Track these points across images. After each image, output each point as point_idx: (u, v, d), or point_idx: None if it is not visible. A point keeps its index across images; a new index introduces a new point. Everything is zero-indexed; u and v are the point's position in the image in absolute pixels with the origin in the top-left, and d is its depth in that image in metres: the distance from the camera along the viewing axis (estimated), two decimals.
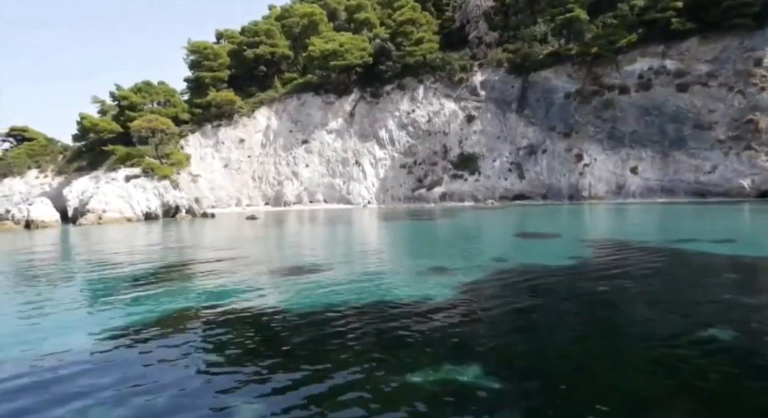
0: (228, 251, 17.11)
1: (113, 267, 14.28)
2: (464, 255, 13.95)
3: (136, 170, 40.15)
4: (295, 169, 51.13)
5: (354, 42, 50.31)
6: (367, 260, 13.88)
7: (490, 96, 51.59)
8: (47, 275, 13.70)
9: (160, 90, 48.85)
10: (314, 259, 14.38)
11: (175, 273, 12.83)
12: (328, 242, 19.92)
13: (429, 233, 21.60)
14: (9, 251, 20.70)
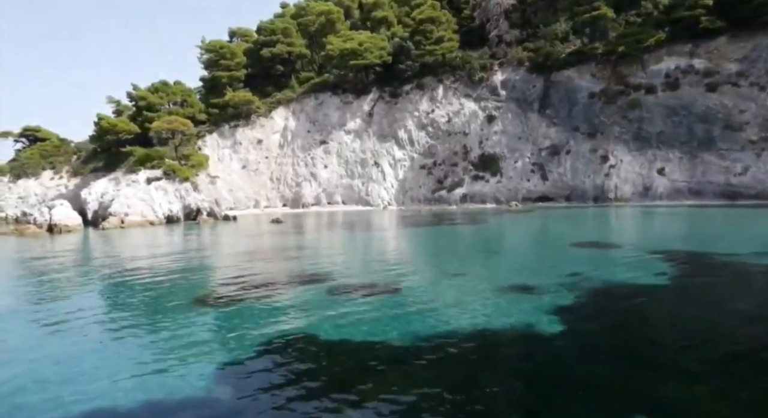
0: (270, 263, 16.45)
1: (166, 284, 13.61)
2: (534, 271, 13.26)
3: (157, 172, 39.52)
4: (314, 170, 50.46)
5: (373, 41, 49.53)
6: (429, 277, 13.19)
7: (510, 96, 50.76)
8: (107, 296, 13.03)
9: (177, 90, 48.19)
10: (366, 274, 13.68)
11: (235, 288, 12.16)
12: (370, 252, 19.19)
13: (478, 242, 20.83)
14: (50, 262, 20.06)
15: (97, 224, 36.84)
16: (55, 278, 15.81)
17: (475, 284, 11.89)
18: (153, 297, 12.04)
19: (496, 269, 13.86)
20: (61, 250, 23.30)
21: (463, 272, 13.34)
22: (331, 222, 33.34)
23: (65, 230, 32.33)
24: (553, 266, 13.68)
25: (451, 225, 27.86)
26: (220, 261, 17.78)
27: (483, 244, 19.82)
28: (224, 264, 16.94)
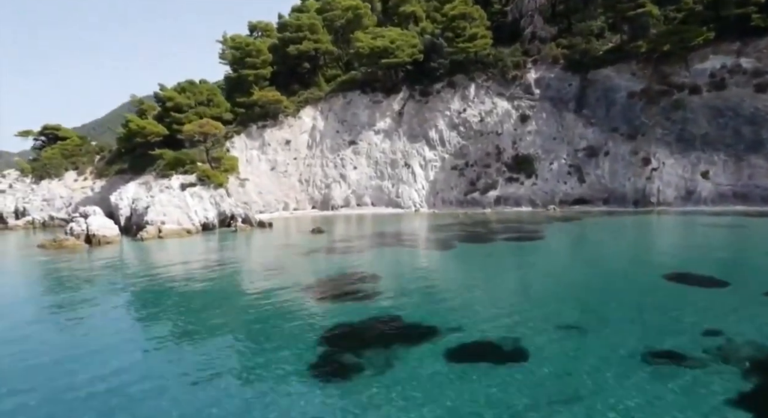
0: (346, 302, 15.47)
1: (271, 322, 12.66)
2: (660, 327, 12.11)
3: (191, 178, 38.53)
4: (343, 171, 49.37)
5: (404, 38, 48.08)
6: (545, 332, 12.13)
7: (545, 94, 49.38)
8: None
9: (203, 89, 46.91)
10: (473, 325, 12.62)
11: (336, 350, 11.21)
12: (449, 285, 17.92)
13: (554, 270, 19.62)
14: (127, 289, 19.15)
15: (130, 231, 35.94)
16: (162, 314, 14.93)
17: (604, 348, 10.85)
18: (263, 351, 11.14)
19: (611, 320, 12.77)
20: (122, 273, 22.39)
21: (576, 325, 12.30)
22: (376, 233, 32.19)
23: (104, 241, 31.46)
24: (676, 318, 12.66)
25: (506, 241, 26.78)
26: (289, 300, 16.83)
27: (562, 275, 18.57)
28: (293, 307, 15.98)
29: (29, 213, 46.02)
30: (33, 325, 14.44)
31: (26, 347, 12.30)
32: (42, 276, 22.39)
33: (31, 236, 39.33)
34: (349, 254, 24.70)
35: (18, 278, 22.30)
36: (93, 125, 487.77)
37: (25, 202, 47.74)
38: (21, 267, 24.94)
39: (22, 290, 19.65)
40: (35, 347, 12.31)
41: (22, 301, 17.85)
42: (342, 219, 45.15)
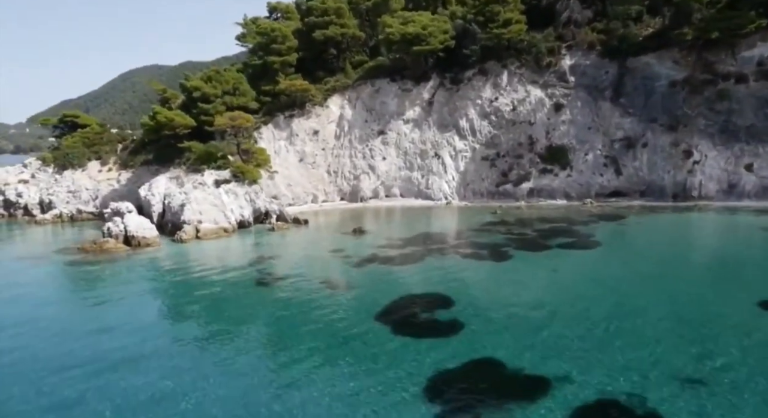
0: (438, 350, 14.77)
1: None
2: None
3: (225, 174, 37.59)
4: (372, 162, 48.31)
5: (436, 24, 46.31)
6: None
7: (580, 82, 47.86)
8: None
9: (229, 78, 45.42)
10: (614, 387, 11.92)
11: None
12: (545, 324, 16.08)
13: (641, 298, 18.19)
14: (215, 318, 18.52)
15: (164, 229, 35.08)
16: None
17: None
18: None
19: (733, 367, 12.07)
20: (184, 288, 21.73)
21: (700, 378, 11.59)
22: (421, 236, 31.21)
23: (143, 243, 30.76)
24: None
25: (562, 249, 25.96)
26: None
27: (651, 304, 17.14)
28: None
29: (55, 206, 45.20)
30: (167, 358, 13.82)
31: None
32: (106, 292, 21.72)
33: (61, 231, 38.71)
34: (404, 265, 23.97)
35: (85, 295, 21.22)
36: (89, 97, 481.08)
37: (50, 193, 46.87)
38: (77, 280, 23.93)
39: (110, 314, 18.75)
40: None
41: (127, 323, 17.17)
42: (373, 213, 44.39)
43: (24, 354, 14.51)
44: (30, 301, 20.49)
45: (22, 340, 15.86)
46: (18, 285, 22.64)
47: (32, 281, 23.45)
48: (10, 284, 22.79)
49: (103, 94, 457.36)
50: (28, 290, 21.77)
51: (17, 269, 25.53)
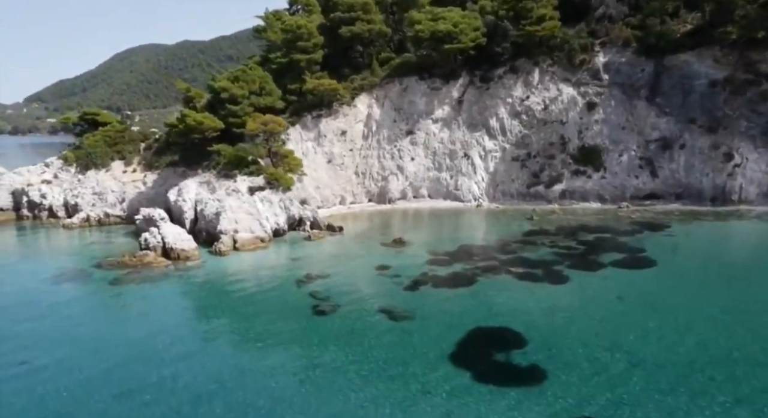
0: None
1: None
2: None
3: (258, 180, 36.91)
4: (400, 163, 47.50)
5: (467, 20, 44.95)
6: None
7: (614, 80, 46.65)
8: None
9: (256, 77, 44.35)
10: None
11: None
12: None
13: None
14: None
15: (198, 237, 34.41)
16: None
17: None
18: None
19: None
20: (244, 319, 21.24)
21: None
22: (464, 248, 30.49)
23: (183, 255, 30.29)
24: None
25: (617, 268, 25.22)
26: None
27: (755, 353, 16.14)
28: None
29: (81, 208, 44.70)
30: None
31: None
32: (162, 318, 21.32)
33: (92, 238, 38.23)
34: (457, 288, 23.41)
35: (141, 324, 20.63)
36: (86, 77, 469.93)
37: (74, 195, 46.35)
38: (129, 304, 23.21)
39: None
40: None
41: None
42: (404, 216, 43.84)
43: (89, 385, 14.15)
44: (86, 330, 20.13)
45: (85, 371, 15.53)
46: (69, 310, 22.29)
47: (82, 306, 23.09)
48: (60, 309, 22.42)
49: (100, 74, 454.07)
50: (81, 318, 21.37)
51: (63, 291, 25.04)
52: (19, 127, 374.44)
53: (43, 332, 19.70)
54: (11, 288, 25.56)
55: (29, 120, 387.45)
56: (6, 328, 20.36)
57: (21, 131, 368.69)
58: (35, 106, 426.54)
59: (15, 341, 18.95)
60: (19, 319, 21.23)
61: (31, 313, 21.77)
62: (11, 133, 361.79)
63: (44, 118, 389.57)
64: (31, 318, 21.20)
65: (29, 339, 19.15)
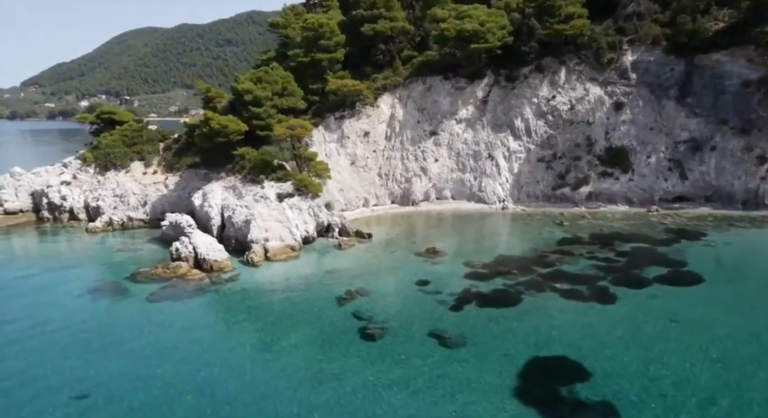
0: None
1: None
2: None
3: (286, 187, 36.42)
4: (424, 164, 46.90)
5: (493, 19, 43.91)
6: None
7: (642, 79, 45.78)
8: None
9: (278, 77, 43.52)
10: None
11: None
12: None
13: None
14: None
15: (227, 245, 33.96)
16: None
17: None
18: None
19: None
20: (287, 341, 20.90)
21: None
22: (502, 259, 30.17)
23: (216, 267, 29.95)
24: None
25: (663, 285, 24.77)
26: None
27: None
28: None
29: (103, 211, 44.29)
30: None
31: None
32: (212, 340, 21.00)
33: (118, 244, 37.83)
34: (503, 308, 23.10)
35: (192, 348, 20.28)
36: (84, 61, 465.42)
37: (95, 197, 45.95)
38: (174, 324, 22.73)
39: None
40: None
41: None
42: (430, 219, 43.47)
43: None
44: (134, 353, 19.89)
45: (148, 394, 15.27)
46: (114, 331, 22.04)
47: (125, 325, 22.77)
48: (104, 331, 22.16)
49: (97, 58, 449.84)
50: (133, 343, 21.07)
51: (103, 310, 24.69)
52: (17, 112, 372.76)
53: (95, 364, 19.38)
54: (50, 306, 25.21)
55: (27, 104, 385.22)
56: (52, 355, 20.12)
57: (19, 116, 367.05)
58: (33, 90, 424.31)
59: (64, 368, 18.74)
60: (66, 345, 20.97)
61: (79, 339, 21.39)
62: (9, 118, 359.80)
63: (42, 103, 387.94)
64: (82, 344, 20.91)
65: (81, 370, 18.89)
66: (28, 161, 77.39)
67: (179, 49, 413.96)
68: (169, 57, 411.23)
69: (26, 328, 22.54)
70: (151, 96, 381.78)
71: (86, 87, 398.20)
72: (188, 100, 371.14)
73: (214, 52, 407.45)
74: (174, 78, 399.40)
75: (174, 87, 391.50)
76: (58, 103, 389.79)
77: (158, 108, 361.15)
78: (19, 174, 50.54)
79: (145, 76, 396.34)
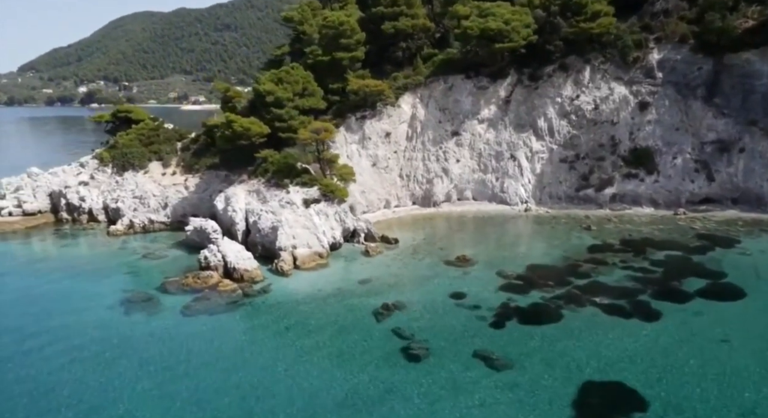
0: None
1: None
2: None
3: (313, 192, 35.98)
4: (446, 165, 46.36)
5: (518, 17, 43.01)
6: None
7: (668, 79, 44.94)
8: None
9: (299, 77, 42.83)
10: None
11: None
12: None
13: None
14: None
15: (253, 252, 33.63)
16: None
17: None
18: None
19: None
20: (331, 360, 20.62)
21: None
22: (535, 269, 29.80)
23: (247, 276, 29.68)
24: None
25: (706, 299, 24.37)
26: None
27: None
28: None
29: (123, 213, 43.98)
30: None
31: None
32: (259, 364, 20.76)
33: (142, 249, 37.48)
34: (545, 325, 22.79)
35: (244, 373, 19.95)
36: (80, 46, 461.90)
37: (114, 199, 45.64)
38: (218, 344, 22.27)
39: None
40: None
41: None
42: (453, 222, 43.13)
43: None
44: (175, 374, 19.72)
45: None
46: (151, 349, 21.89)
47: (163, 343, 22.59)
48: (142, 349, 21.98)
49: (94, 43, 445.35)
50: (172, 362, 20.90)
51: (139, 326, 24.44)
52: (14, 98, 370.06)
53: (135, 384, 19.23)
54: (83, 320, 25.01)
55: (25, 90, 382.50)
56: (94, 375, 19.96)
57: (17, 102, 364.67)
58: (30, 76, 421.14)
59: (107, 388, 18.58)
60: (106, 363, 20.82)
61: (118, 358, 21.22)
62: (7, 103, 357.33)
63: (40, 89, 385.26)
64: (123, 364, 20.77)
65: (123, 391, 18.74)
66: (28, 156, 77.43)
67: (177, 34, 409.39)
68: (167, 42, 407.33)
69: (62, 345, 22.32)
70: (149, 82, 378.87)
71: (84, 72, 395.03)
72: (187, 86, 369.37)
73: (212, 37, 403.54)
74: (172, 64, 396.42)
75: (173, 73, 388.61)
76: (56, 89, 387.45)
77: (157, 94, 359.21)
78: (36, 174, 50.28)
79: (143, 62, 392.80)
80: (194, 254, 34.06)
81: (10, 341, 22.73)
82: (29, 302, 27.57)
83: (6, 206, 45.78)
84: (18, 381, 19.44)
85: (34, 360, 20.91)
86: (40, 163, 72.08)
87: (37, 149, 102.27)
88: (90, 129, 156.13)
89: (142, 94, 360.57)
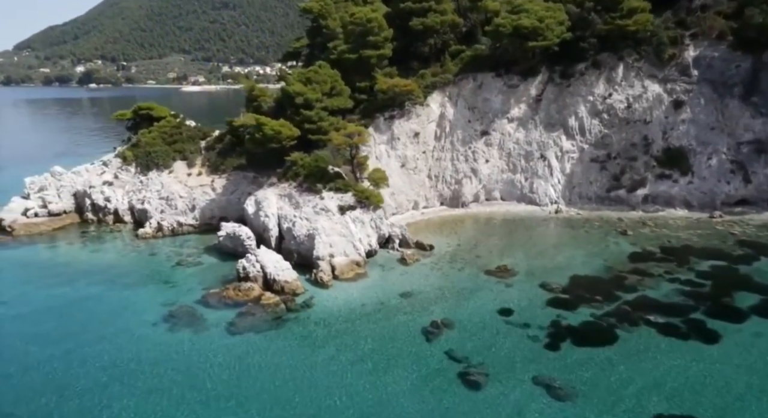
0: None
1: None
2: None
3: (348, 198, 35.48)
4: (475, 165, 45.73)
5: (552, 14, 41.84)
6: None
7: (704, 77, 43.95)
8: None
9: (327, 77, 41.95)
10: None
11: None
12: None
13: None
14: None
15: (285, 256, 33.27)
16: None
17: None
18: None
19: None
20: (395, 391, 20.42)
21: None
22: (582, 280, 29.37)
23: (287, 288, 29.43)
24: None
25: (764, 319, 23.98)
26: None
27: None
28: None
29: (150, 214, 43.64)
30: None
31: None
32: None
33: (173, 254, 37.09)
34: (603, 347, 22.55)
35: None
36: (76, 24, 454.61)
37: (140, 200, 45.25)
38: (274, 369, 21.98)
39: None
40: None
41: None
42: (481, 223, 42.69)
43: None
44: (225, 398, 19.58)
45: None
46: (202, 371, 21.70)
47: (213, 364, 22.35)
48: (193, 373, 21.75)
49: (90, 21, 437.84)
50: (220, 386, 20.73)
51: (183, 343, 24.14)
52: (11, 77, 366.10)
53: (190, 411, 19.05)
54: (127, 338, 24.77)
55: (22, 69, 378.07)
56: (151, 401, 19.83)
57: (14, 81, 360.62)
58: (26, 55, 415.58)
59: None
60: (162, 389, 20.68)
61: (170, 382, 21.01)
62: (4, 83, 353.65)
63: (37, 68, 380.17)
64: (179, 390, 20.59)
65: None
66: (29, 150, 76.56)
67: (174, 11, 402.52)
68: (164, 20, 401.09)
69: (110, 367, 22.08)
70: (148, 62, 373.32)
71: (81, 51, 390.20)
72: (186, 66, 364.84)
73: (211, 15, 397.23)
74: (171, 43, 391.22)
75: (171, 52, 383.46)
76: (53, 68, 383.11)
77: (156, 74, 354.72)
78: (59, 174, 49.82)
79: (141, 41, 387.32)
80: (228, 260, 33.88)
81: (61, 366, 22.35)
82: (67, 316, 26.88)
83: (32, 207, 45.41)
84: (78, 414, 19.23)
85: (94, 394, 20.30)
86: (52, 155, 71.57)
87: (45, 140, 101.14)
88: (92, 113, 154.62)
89: (140, 74, 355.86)
